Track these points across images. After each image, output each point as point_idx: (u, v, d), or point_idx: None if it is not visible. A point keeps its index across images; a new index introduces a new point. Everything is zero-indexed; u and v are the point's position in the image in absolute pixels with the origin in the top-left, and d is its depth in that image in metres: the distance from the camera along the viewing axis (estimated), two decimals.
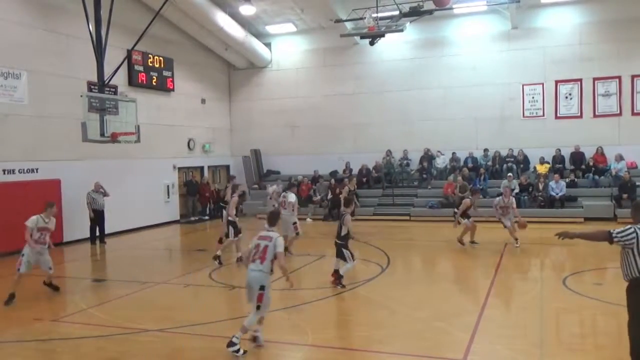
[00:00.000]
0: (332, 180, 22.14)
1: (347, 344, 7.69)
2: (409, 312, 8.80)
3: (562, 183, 19.32)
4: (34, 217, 10.01)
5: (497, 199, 14.97)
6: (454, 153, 22.04)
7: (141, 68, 20.16)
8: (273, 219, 7.57)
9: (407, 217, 20.58)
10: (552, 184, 19.34)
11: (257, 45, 24.40)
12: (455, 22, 22.32)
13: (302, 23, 23.78)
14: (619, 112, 20.50)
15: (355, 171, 22.96)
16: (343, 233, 10.38)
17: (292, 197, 13.80)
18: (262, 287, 7.02)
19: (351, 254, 10.40)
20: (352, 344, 7.69)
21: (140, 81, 20.03)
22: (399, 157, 22.85)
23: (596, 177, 19.82)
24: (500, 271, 11.66)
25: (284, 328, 8.43)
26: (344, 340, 7.89)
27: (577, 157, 20.58)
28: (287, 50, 25.04)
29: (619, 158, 19.71)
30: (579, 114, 20.96)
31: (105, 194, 16.74)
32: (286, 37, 24.82)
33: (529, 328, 7.94)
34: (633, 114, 20.33)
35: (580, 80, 20.88)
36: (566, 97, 21.11)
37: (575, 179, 19.93)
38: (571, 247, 15.08)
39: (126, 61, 18.11)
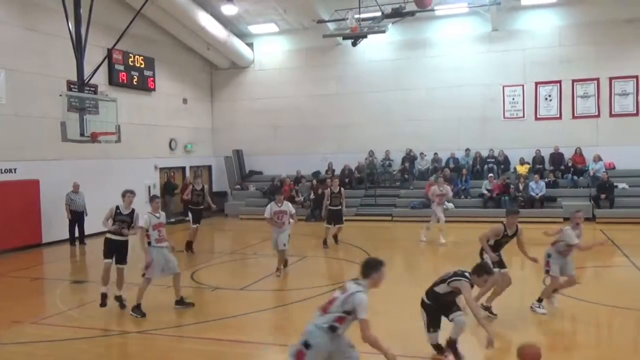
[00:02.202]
0: (314, 181, 22.14)
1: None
2: (392, 312, 8.83)
3: (542, 183, 19.55)
4: (145, 216, 9.01)
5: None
6: (435, 154, 22.19)
7: (122, 67, 19.97)
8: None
9: (389, 218, 20.66)
10: (532, 184, 19.56)
11: (239, 45, 24.32)
12: (437, 23, 22.46)
13: (284, 23, 23.76)
14: (597, 113, 20.80)
15: (338, 171, 23.01)
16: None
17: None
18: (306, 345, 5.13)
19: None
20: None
21: (121, 80, 19.84)
22: (381, 157, 22.94)
23: (575, 177, 20.10)
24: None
25: (267, 329, 8.41)
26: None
27: (557, 157, 20.85)
28: (269, 50, 25.00)
29: (597, 159, 20.00)
30: (558, 115, 21.23)
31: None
32: (269, 37, 24.78)
33: (509, 327, 8.01)
34: (611, 115, 20.64)
35: (560, 81, 21.16)
36: (546, 99, 21.36)
37: (555, 180, 20.18)
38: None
39: (106, 60, 17.91)
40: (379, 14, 18.60)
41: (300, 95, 24.37)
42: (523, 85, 21.56)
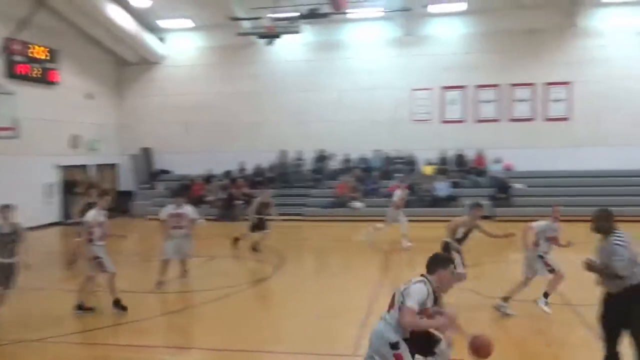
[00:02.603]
0: (228, 181, 21.93)
1: (237, 345, 7.61)
2: (301, 311, 8.91)
3: (447, 183, 20.40)
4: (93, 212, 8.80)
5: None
6: (347, 154, 22.59)
7: (22, 59, 18.78)
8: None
9: (300, 217, 20.80)
10: (438, 184, 20.37)
11: (150, 39, 23.59)
12: (351, 26, 22.88)
13: (198, 19, 23.27)
14: (497, 117, 21.99)
15: (249, 171, 22.89)
16: None
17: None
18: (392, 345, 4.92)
19: None
20: (242, 345, 7.61)
21: (20, 73, 18.67)
22: (293, 157, 23.05)
23: (477, 178, 21.14)
24: (390, 268, 12.10)
25: (170, 332, 8.22)
26: (234, 342, 7.76)
27: (461, 159, 21.85)
28: (182, 46, 24.42)
29: (498, 160, 21.16)
30: (462, 119, 22.25)
31: None
32: (182, 33, 24.20)
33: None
34: (510, 119, 21.89)
35: (465, 87, 22.18)
36: (451, 103, 22.32)
37: (459, 180, 21.13)
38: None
39: (4, 51, 16.79)
40: (294, 14, 18.68)
41: (213, 93, 24.00)
42: (431, 90, 22.40)
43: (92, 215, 8.72)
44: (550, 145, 21.29)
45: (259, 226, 14.20)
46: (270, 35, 18.75)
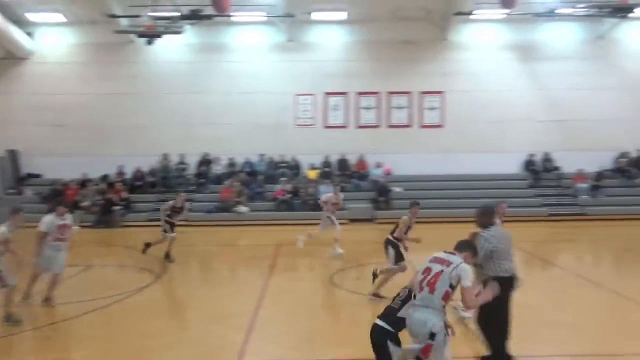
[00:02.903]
0: (105, 185, 20.85)
1: (116, 357, 7.24)
2: (184, 318, 8.69)
3: (331, 187, 20.80)
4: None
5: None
6: (231, 158, 22.36)
7: None
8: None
9: (184, 222, 20.19)
10: (322, 188, 20.73)
11: (17, 33, 21.81)
12: (235, 29, 22.72)
13: (71, 14, 21.89)
14: (377, 124, 22.88)
15: (129, 174, 21.92)
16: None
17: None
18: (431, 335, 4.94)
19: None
20: (121, 357, 7.25)
21: None
22: (176, 161, 22.41)
23: (358, 182, 21.82)
24: (274, 272, 12.12)
25: (43, 347, 7.65)
26: (112, 354, 7.35)
27: (343, 163, 22.45)
28: (54, 41, 22.85)
29: (379, 165, 22.00)
30: (344, 125, 22.88)
31: None
32: (53, 28, 22.64)
33: (300, 325, 8.39)
34: (389, 126, 22.87)
35: (347, 93, 22.84)
36: (334, 108, 22.89)
37: (342, 184, 21.66)
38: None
39: None
40: (175, 14, 18.20)
41: (88, 93, 22.66)
42: (314, 95, 22.81)
43: None
44: (425, 150, 22.49)
45: (166, 231, 13.47)
46: (150, 35, 18.14)
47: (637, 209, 20.13)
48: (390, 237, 9.81)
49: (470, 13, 20.61)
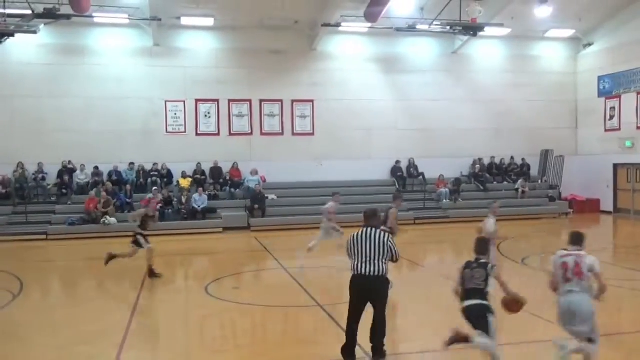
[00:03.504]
0: None
1: None
2: (46, 341, 8.03)
3: (204, 196, 20.48)
4: None
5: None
6: (96, 167, 21.13)
7: None
8: None
9: (44, 236, 18.80)
10: (195, 196, 20.33)
11: None
12: (98, 31, 21.51)
13: None
14: (250, 131, 22.88)
15: None
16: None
17: None
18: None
19: None
20: None
21: None
22: (33, 170, 20.72)
23: (232, 190, 21.66)
24: (146, 285, 11.65)
25: None
26: None
27: (216, 171, 22.14)
28: None
29: (255, 172, 21.97)
30: (217, 132, 22.60)
31: None
32: None
33: (175, 338, 8.15)
34: (262, 134, 22.95)
35: (218, 100, 22.58)
36: (206, 116, 22.53)
37: (216, 192, 21.39)
38: (213, 256, 16.13)
39: None
40: (29, 12, 16.92)
41: None
42: (184, 102, 22.28)
43: None
44: (298, 158, 22.89)
45: (138, 242, 12.25)
46: (0, 34, 16.69)
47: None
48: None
49: (337, 25, 21.36)
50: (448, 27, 19.69)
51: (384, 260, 6.65)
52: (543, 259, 13.10)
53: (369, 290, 6.67)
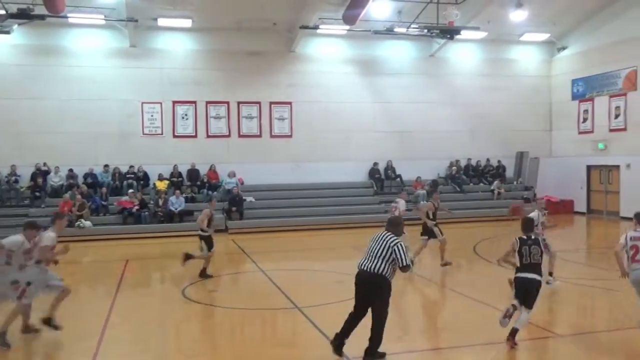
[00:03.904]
0: None
1: None
2: (17, 346, 7.87)
3: (182, 198, 20.32)
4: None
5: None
6: (71, 169, 20.82)
7: None
8: None
9: None
10: (172, 199, 20.15)
11: None
12: (73, 32, 21.21)
13: None
14: (228, 133, 22.77)
15: None
16: None
17: None
18: None
19: None
20: None
21: None
22: (6, 172, 20.34)
23: (210, 192, 21.52)
24: (122, 289, 11.52)
25: None
26: None
27: (194, 173, 21.99)
28: None
29: (232, 174, 21.86)
30: (194, 134, 22.45)
31: None
32: None
33: (153, 342, 8.07)
34: (240, 136, 22.86)
35: (195, 102, 22.43)
36: (183, 117, 22.36)
37: (193, 194, 21.23)
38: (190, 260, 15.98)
39: None
40: (1, 12, 16.63)
41: None
42: (161, 103, 22.09)
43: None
44: (276, 160, 22.85)
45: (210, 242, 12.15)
46: None
47: (467, 212, 22.21)
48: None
49: (315, 27, 21.38)
50: (425, 30, 19.82)
51: (387, 262, 6.75)
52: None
53: (366, 285, 6.82)
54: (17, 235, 8.05)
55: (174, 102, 22.23)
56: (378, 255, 6.78)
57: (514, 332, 7.14)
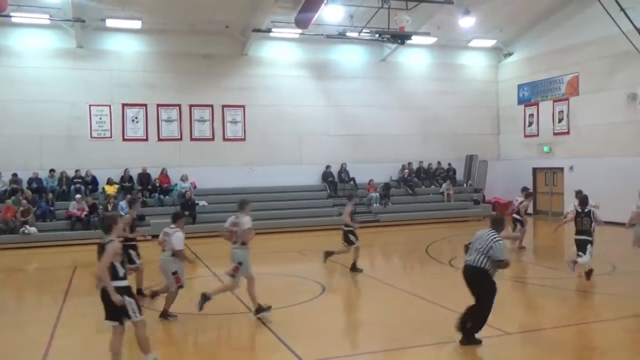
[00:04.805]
0: None
1: None
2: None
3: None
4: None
5: None
6: (14, 174, 20.05)
7: None
8: None
9: None
10: (122, 204, 19.66)
11: None
12: (17, 31, 20.47)
13: None
14: (180, 137, 22.43)
15: None
16: None
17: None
18: None
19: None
20: None
21: None
22: None
23: (162, 196, 21.14)
24: (69, 297, 11.17)
25: None
26: None
27: (144, 177, 21.56)
28: None
29: (185, 178, 21.53)
30: (145, 137, 22.01)
31: None
32: None
33: (100, 352, 7.81)
34: (192, 139, 22.56)
35: (146, 105, 22.00)
36: (133, 120, 21.90)
37: (144, 199, 20.79)
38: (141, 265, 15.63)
39: None
40: None
41: None
42: (110, 106, 21.57)
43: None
44: (229, 163, 22.66)
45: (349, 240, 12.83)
46: None
47: (418, 214, 22.58)
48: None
49: (268, 30, 21.33)
50: (377, 35, 20.05)
51: (485, 256, 7.35)
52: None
53: (468, 277, 7.56)
54: None
55: (124, 105, 21.75)
56: (479, 249, 7.45)
57: (589, 272, 11.07)
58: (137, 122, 21.92)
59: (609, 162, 20.75)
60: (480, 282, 7.44)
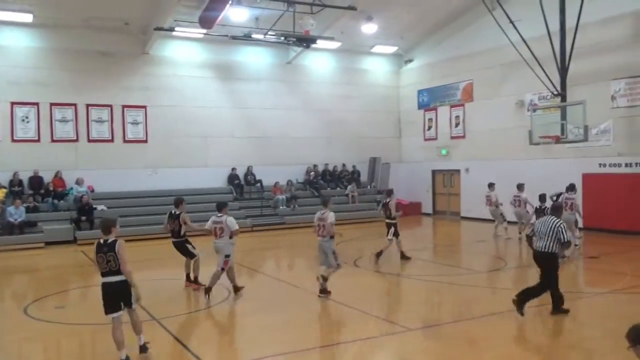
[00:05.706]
0: None
1: None
2: None
3: (22, 208, 18.63)
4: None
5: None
6: None
7: None
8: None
9: None
10: (11, 209, 18.38)
11: None
12: None
13: None
14: (76, 138, 21.28)
15: None
16: None
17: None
18: None
19: None
20: None
21: None
22: None
23: (56, 201, 19.96)
24: (23, 296, 10.31)
25: None
26: None
27: (36, 181, 20.25)
28: None
29: (81, 181, 20.42)
30: (36, 138, 20.68)
31: None
32: None
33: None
34: (89, 140, 21.47)
35: (38, 104, 20.68)
36: (23, 120, 20.52)
37: (36, 204, 19.55)
38: (33, 274, 14.78)
39: None
40: None
41: None
42: None
43: None
44: (130, 166, 21.83)
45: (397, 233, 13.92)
46: None
47: None
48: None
49: (171, 29, 20.74)
50: (282, 38, 20.15)
51: (552, 240, 8.48)
52: (371, 259, 13.92)
53: (538, 261, 8.73)
54: None
55: (12, 103, 20.32)
56: (545, 234, 8.54)
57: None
58: (27, 122, 20.55)
59: (500, 164, 22.05)
60: (551, 263, 8.60)
